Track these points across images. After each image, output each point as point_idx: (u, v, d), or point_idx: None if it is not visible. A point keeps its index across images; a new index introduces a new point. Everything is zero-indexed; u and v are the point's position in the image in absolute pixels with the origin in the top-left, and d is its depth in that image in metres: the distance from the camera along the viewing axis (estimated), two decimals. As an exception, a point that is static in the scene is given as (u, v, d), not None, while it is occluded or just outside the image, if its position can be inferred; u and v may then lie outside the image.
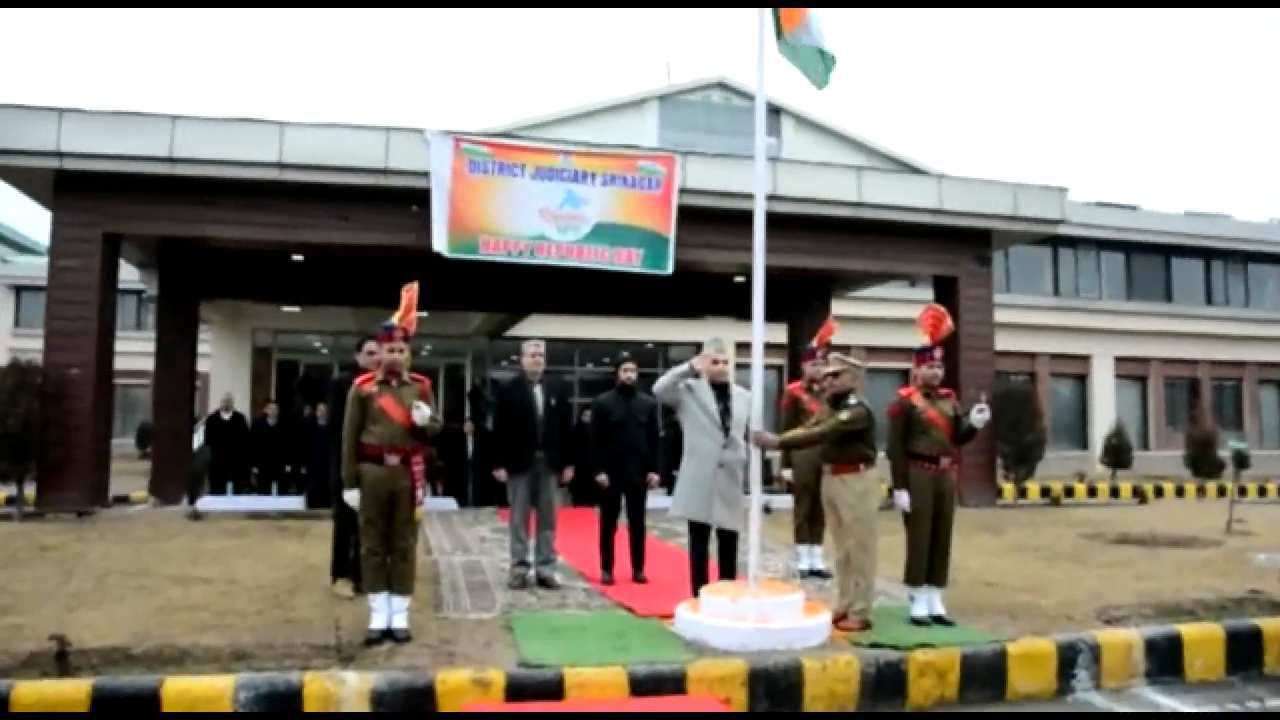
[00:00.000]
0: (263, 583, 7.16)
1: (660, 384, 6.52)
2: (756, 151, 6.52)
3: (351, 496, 5.75)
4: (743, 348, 6.48)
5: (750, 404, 6.33)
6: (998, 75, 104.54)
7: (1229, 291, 28.71)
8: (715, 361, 6.51)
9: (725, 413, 6.40)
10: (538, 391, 7.41)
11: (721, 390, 6.49)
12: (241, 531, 10.13)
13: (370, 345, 6.58)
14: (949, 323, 6.50)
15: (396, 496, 5.68)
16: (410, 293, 6.06)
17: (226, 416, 14.78)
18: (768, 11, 6.30)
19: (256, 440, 14.75)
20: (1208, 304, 28.24)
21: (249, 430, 15.02)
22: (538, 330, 16.16)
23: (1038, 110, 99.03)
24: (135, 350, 21.98)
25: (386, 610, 5.60)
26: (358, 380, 5.92)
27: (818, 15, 6.23)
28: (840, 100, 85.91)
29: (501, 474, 7.45)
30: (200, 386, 18.19)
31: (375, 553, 5.68)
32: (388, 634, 5.50)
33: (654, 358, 21.70)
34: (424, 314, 6.33)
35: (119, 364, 12.91)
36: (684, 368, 6.47)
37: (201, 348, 16.55)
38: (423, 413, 5.63)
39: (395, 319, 5.90)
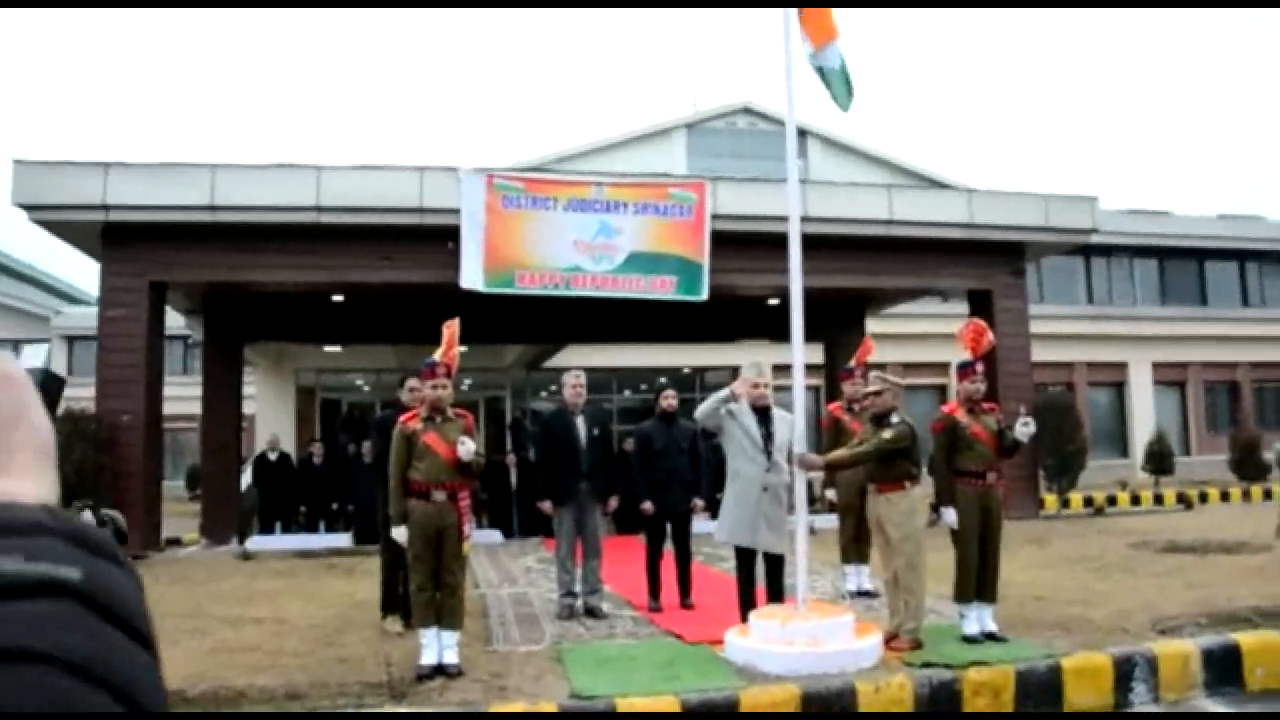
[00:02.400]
0: (314, 621, 7.23)
1: (701, 410, 6.52)
2: (789, 174, 6.56)
3: (400, 533, 5.83)
4: (780, 369, 6.48)
5: (792, 426, 6.31)
6: (1022, 88, 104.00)
7: (1265, 292, 28.23)
8: (755, 385, 6.50)
9: (768, 436, 6.38)
10: (580, 422, 7.46)
11: (763, 414, 6.47)
12: (291, 570, 10.23)
13: (413, 382, 6.66)
14: (990, 336, 6.49)
15: (444, 532, 5.74)
16: (451, 329, 6.11)
17: (273, 457, 15.01)
18: (795, 25, 6.34)
19: (303, 479, 14.97)
20: (1244, 305, 27.80)
21: (295, 469, 15.25)
22: (574, 360, 16.24)
23: (1064, 121, 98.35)
24: (183, 395, 22.30)
25: (437, 645, 5.64)
26: (402, 418, 6.01)
27: (839, 45, 6.30)
28: (866, 120, 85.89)
29: (547, 506, 7.49)
30: (246, 428, 18.44)
31: (424, 589, 5.74)
32: (439, 669, 5.55)
33: (691, 383, 21.68)
34: (463, 348, 6.40)
35: (167, 409, 13.14)
36: (724, 393, 6.45)
37: (247, 390, 16.79)
38: (468, 448, 5.69)
39: (437, 355, 5.97)
